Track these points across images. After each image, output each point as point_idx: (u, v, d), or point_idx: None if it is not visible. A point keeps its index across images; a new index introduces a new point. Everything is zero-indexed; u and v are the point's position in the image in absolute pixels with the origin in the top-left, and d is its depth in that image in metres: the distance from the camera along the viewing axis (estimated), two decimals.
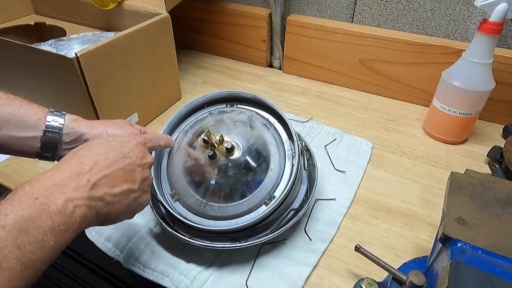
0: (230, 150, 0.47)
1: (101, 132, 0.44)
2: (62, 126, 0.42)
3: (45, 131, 0.42)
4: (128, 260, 0.47)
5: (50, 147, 0.43)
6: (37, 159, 0.43)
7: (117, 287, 0.67)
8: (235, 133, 0.49)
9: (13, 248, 0.26)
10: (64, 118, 0.43)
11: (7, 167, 0.61)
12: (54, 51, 0.62)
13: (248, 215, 0.46)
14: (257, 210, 0.46)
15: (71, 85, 0.57)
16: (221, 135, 0.48)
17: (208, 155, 0.46)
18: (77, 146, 0.44)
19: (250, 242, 0.44)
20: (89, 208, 0.32)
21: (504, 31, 0.68)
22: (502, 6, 0.54)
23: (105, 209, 0.34)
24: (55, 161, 0.44)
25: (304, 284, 0.44)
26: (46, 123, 0.42)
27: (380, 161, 0.64)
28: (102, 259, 0.49)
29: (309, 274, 0.45)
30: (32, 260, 0.27)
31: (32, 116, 0.42)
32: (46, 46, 0.72)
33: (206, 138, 0.47)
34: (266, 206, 0.45)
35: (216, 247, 0.45)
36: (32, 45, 0.57)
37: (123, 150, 0.37)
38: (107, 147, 0.37)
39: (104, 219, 0.35)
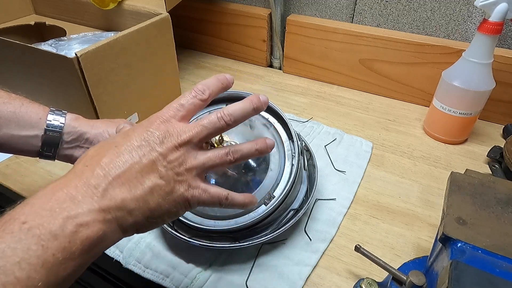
0: None
1: (102, 131, 0.45)
2: (63, 125, 0.42)
3: (46, 130, 0.42)
4: (128, 260, 0.47)
5: (51, 146, 0.43)
6: (37, 158, 0.43)
7: (117, 287, 0.67)
8: (234, 133, 0.49)
9: None
10: (65, 117, 0.43)
11: (7, 167, 0.61)
12: (54, 51, 0.62)
13: (247, 215, 0.46)
14: (256, 210, 0.46)
15: (71, 85, 0.57)
16: (221, 135, 0.48)
17: None
18: (77, 145, 0.44)
19: (250, 242, 0.44)
20: (101, 224, 0.25)
21: (504, 31, 0.68)
22: (502, 6, 0.54)
23: (129, 219, 0.27)
24: (55, 160, 0.44)
25: (304, 284, 0.44)
26: (47, 122, 0.42)
27: (380, 161, 0.64)
28: (102, 259, 0.49)
29: (309, 274, 0.45)
30: None
31: (33, 115, 0.42)
32: (46, 46, 0.72)
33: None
34: (266, 206, 0.45)
35: (216, 247, 0.45)
36: (32, 45, 0.57)
37: (138, 136, 0.29)
38: (119, 140, 0.29)
39: (136, 230, 0.28)
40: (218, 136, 0.48)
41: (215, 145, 0.47)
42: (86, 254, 0.24)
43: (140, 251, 0.48)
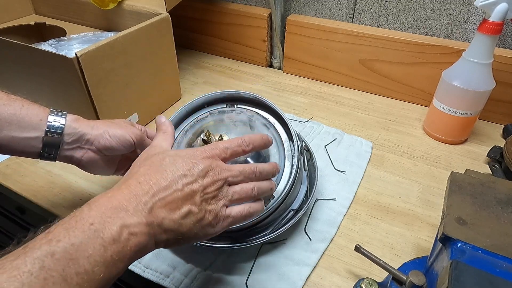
0: None
1: (102, 132, 0.45)
2: (63, 126, 0.42)
3: (46, 132, 0.42)
4: None
5: (52, 147, 0.43)
6: (38, 159, 0.43)
7: (117, 287, 0.67)
8: (234, 133, 0.49)
9: (59, 280, 0.24)
10: (65, 118, 0.43)
11: (7, 167, 0.61)
12: (54, 51, 0.62)
13: None
14: None
15: (71, 85, 0.57)
16: (220, 135, 0.48)
17: None
18: (78, 146, 0.44)
19: (250, 242, 0.44)
20: (145, 236, 0.29)
21: (504, 31, 0.68)
22: (502, 6, 0.54)
23: (163, 236, 0.31)
24: (56, 161, 0.44)
25: (304, 284, 0.44)
26: (48, 123, 0.42)
27: (380, 161, 0.64)
28: None
29: (309, 274, 0.45)
30: None
31: (34, 117, 0.41)
32: (46, 46, 0.72)
33: (205, 138, 0.47)
34: (266, 206, 0.45)
35: (216, 247, 0.45)
36: (32, 45, 0.57)
37: (185, 166, 0.33)
38: (169, 163, 0.33)
39: (166, 244, 0.32)
40: (218, 136, 0.48)
41: None
42: (131, 259, 0.29)
43: None
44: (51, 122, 0.42)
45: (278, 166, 0.40)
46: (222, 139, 0.48)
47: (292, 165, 0.47)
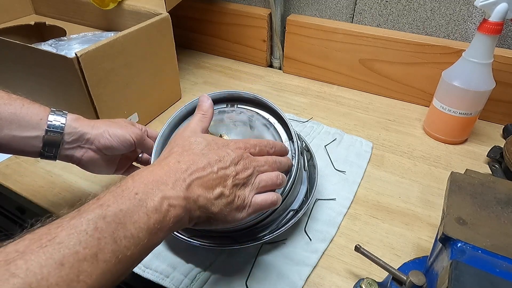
0: None
1: (103, 131, 0.45)
2: (63, 125, 0.43)
3: (47, 131, 0.42)
4: None
5: (52, 147, 0.43)
6: (38, 158, 0.43)
7: (117, 287, 0.67)
8: (234, 132, 0.49)
9: (110, 241, 0.26)
10: (65, 117, 0.43)
11: (7, 167, 0.61)
12: (54, 51, 0.62)
13: None
14: None
15: (71, 85, 0.57)
16: (220, 134, 0.48)
17: None
18: (78, 145, 0.44)
19: (250, 242, 0.44)
20: (183, 209, 0.31)
21: (504, 31, 0.68)
22: (502, 6, 0.54)
23: (197, 212, 0.33)
24: (56, 160, 0.44)
25: (304, 284, 0.44)
26: (48, 122, 0.42)
27: (380, 161, 0.64)
28: None
29: (309, 274, 0.45)
30: (126, 256, 0.27)
31: (34, 116, 0.42)
32: (46, 46, 0.72)
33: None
34: None
35: (216, 247, 0.45)
36: (32, 45, 0.57)
37: (219, 152, 0.36)
38: (205, 147, 0.36)
39: (197, 222, 0.34)
40: (218, 135, 0.48)
41: None
42: (171, 229, 0.31)
43: None
44: (52, 122, 0.42)
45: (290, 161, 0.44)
46: (221, 137, 0.48)
47: (292, 165, 0.47)
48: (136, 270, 0.46)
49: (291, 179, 0.45)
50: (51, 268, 0.22)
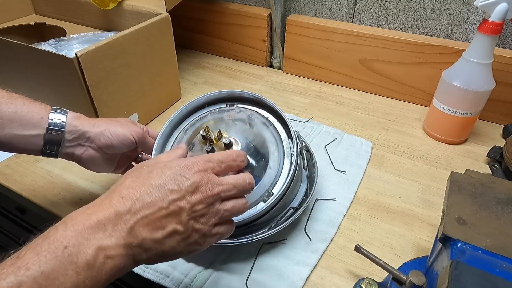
0: (229, 146, 0.47)
1: (103, 130, 0.45)
2: (64, 123, 0.43)
3: (47, 129, 0.42)
4: None
5: (53, 145, 0.43)
6: (37, 158, 0.44)
7: (117, 287, 0.67)
8: (234, 130, 0.49)
9: None
10: (66, 115, 0.43)
11: (7, 167, 0.61)
12: (54, 51, 0.62)
13: (246, 212, 0.46)
14: (255, 207, 0.46)
15: (71, 85, 0.57)
16: (219, 130, 0.48)
17: (207, 151, 0.46)
18: (79, 143, 0.44)
19: (249, 239, 0.44)
20: (123, 257, 0.27)
21: (504, 31, 0.68)
22: (502, 6, 0.54)
23: (144, 255, 0.29)
24: (57, 158, 0.45)
25: (304, 284, 0.44)
26: (49, 120, 0.42)
27: (380, 161, 0.64)
28: None
29: (309, 274, 0.45)
30: None
31: (35, 115, 0.42)
32: (46, 46, 0.72)
33: (204, 134, 0.47)
34: (264, 203, 0.45)
35: (216, 244, 0.45)
36: (32, 45, 0.57)
37: (171, 180, 0.30)
38: (154, 176, 0.30)
39: (146, 263, 0.30)
40: (217, 131, 0.48)
41: (214, 141, 0.47)
42: (106, 282, 0.27)
43: None
44: (52, 120, 0.42)
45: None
46: (221, 135, 0.48)
47: (291, 163, 0.47)
48: (137, 270, 0.46)
49: (290, 176, 0.45)
50: None
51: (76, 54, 0.53)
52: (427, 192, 0.58)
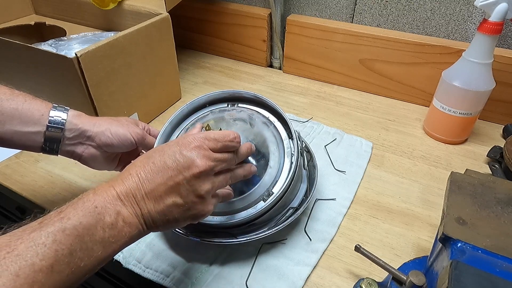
0: None
1: (104, 129, 0.45)
2: (64, 121, 0.43)
3: (48, 127, 0.42)
4: (128, 260, 0.47)
5: (53, 142, 0.43)
6: (37, 158, 0.44)
7: (117, 287, 0.67)
8: (234, 129, 0.50)
9: (66, 253, 0.27)
10: (67, 113, 0.44)
11: (7, 167, 0.61)
12: (54, 51, 0.62)
13: (246, 211, 0.46)
14: (255, 206, 0.46)
15: (71, 85, 0.57)
16: (220, 128, 0.48)
17: None
18: (79, 142, 0.45)
19: (249, 238, 0.45)
20: (136, 224, 0.32)
21: (504, 31, 0.68)
22: (502, 6, 0.54)
23: (152, 224, 0.34)
24: (58, 155, 0.45)
25: (304, 284, 0.44)
26: (49, 118, 0.42)
27: (380, 161, 0.64)
28: None
29: (309, 274, 0.45)
30: (79, 267, 0.28)
31: (36, 112, 0.42)
32: (46, 46, 0.72)
33: (204, 131, 0.47)
34: (264, 202, 0.45)
35: (215, 242, 0.45)
36: (32, 45, 0.57)
37: (169, 158, 0.34)
38: (156, 155, 0.35)
39: (157, 230, 0.35)
40: (218, 129, 0.48)
41: None
42: (126, 243, 0.32)
43: (140, 251, 0.48)
44: (53, 117, 0.43)
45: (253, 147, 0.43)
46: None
47: (292, 163, 0.47)
48: (137, 270, 0.46)
49: (290, 175, 0.45)
50: (6, 279, 0.24)
51: (76, 54, 0.53)
52: (427, 192, 0.58)
